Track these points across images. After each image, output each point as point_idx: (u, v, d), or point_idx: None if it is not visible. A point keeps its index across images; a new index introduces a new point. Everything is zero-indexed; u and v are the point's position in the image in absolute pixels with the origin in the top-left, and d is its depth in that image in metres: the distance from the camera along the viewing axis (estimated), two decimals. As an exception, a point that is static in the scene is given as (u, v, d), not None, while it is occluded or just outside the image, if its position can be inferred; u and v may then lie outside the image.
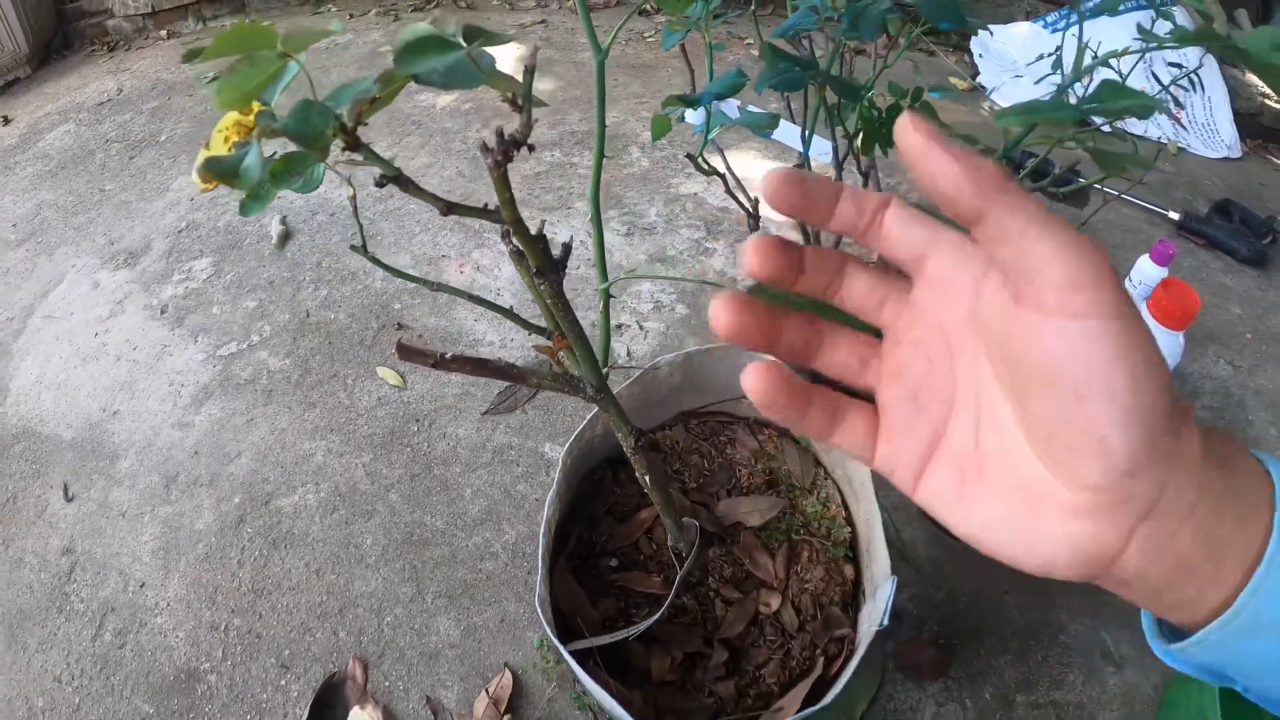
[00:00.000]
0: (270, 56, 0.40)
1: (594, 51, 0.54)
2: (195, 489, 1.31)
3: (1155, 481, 0.24)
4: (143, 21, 2.91)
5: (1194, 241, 1.74)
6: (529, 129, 0.43)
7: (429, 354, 0.53)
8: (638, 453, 0.65)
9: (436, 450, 1.33)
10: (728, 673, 0.84)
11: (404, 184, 0.43)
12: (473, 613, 1.13)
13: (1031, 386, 0.25)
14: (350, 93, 0.41)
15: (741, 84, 0.69)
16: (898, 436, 0.30)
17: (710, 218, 1.79)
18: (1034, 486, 0.26)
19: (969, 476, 0.28)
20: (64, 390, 1.51)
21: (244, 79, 0.40)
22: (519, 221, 0.44)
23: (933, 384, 0.29)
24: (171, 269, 1.76)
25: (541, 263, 0.49)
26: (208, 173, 0.39)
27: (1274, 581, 0.25)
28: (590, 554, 0.90)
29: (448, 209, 0.44)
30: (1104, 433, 0.24)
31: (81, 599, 1.20)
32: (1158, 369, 0.24)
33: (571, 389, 0.60)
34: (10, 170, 2.23)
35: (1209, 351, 1.48)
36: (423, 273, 1.68)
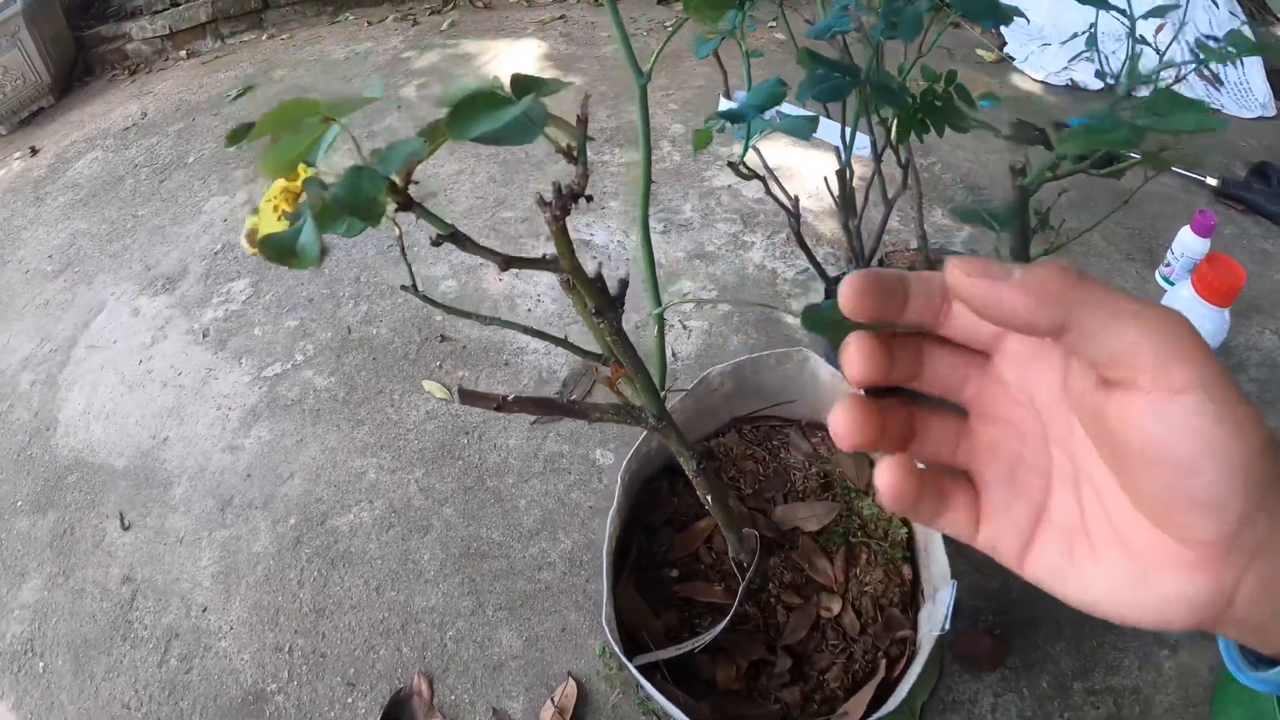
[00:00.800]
0: (314, 123, 0.40)
1: (635, 77, 0.54)
2: (250, 512, 1.33)
3: (1263, 528, 0.24)
4: (161, 43, 2.93)
5: (1233, 207, 1.69)
6: (586, 179, 0.43)
7: (491, 398, 0.53)
8: (699, 475, 0.65)
9: (488, 462, 1.34)
10: (792, 679, 0.84)
11: (460, 242, 0.43)
12: (534, 623, 1.14)
13: (1136, 464, 0.25)
14: (399, 155, 0.40)
15: (782, 94, 0.68)
16: (998, 515, 0.30)
17: (746, 210, 1.77)
18: (1144, 549, 0.26)
19: (1077, 548, 0.28)
20: (113, 419, 1.54)
21: (289, 147, 0.39)
22: (578, 269, 0.44)
23: (1028, 459, 0.30)
24: (210, 292, 1.78)
25: (600, 303, 0.50)
26: (264, 252, 0.39)
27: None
28: (651, 565, 0.91)
29: (506, 264, 0.44)
30: (1216, 496, 0.24)
31: (145, 626, 1.22)
32: (1256, 422, 0.24)
33: (634, 420, 0.60)
34: (42, 201, 2.26)
35: (1254, 322, 1.44)
36: (461, 282, 1.69)
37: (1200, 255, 1.39)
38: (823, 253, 1.61)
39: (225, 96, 2.60)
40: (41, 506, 1.42)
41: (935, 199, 1.72)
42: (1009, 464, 0.30)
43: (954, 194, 1.73)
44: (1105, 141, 0.44)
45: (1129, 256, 1.57)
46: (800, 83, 0.69)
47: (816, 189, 1.76)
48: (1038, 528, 0.30)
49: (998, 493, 0.30)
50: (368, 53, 2.72)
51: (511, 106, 0.38)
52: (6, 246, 2.11)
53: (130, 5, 3.00)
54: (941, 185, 1.77)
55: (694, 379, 1.38)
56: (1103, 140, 0.44)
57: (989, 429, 0.31)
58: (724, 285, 1.60)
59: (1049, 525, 0.29)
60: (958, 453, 0.31)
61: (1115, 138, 0.44)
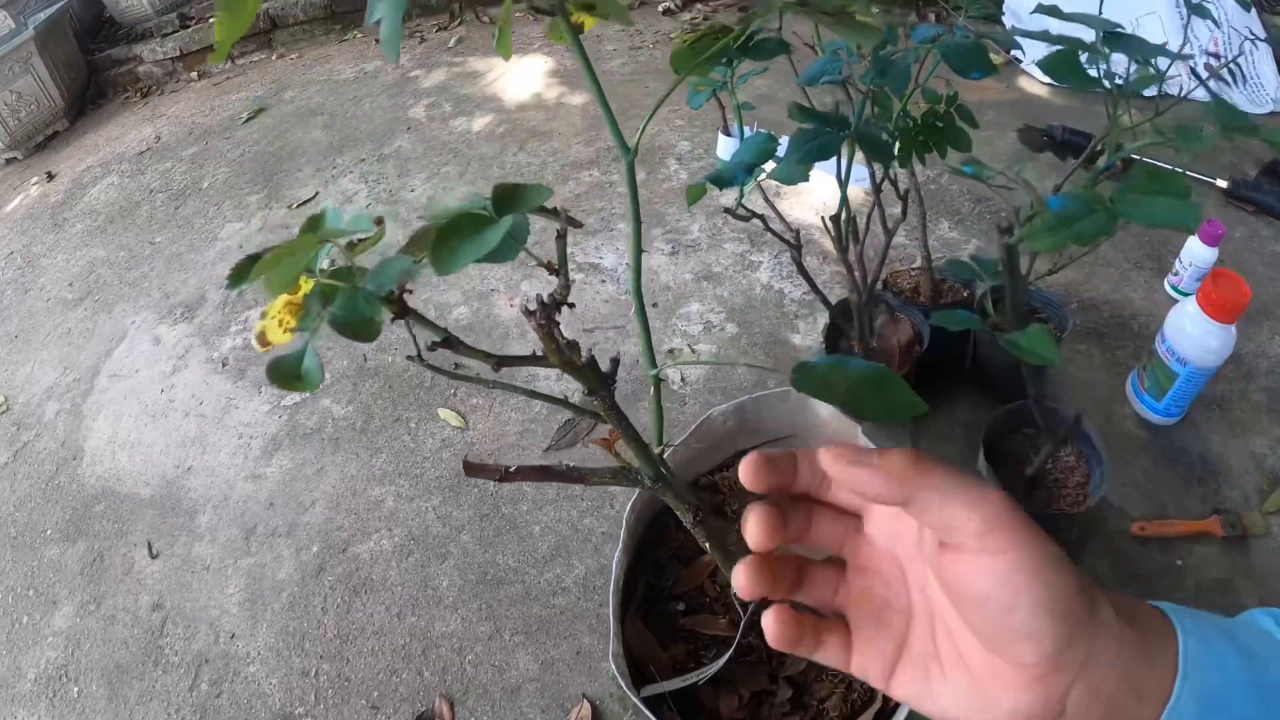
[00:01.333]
0: (310, 243, 0.42)
1: (622, 153, 0.55)
2: (274, 540, 1.36)
3: (1082, 649, 0.30)
4: (172, 65, 2.97)
5: (1244, 209, 1.67)
6: (567, 290, 0.45)
7: (495, 469, 0.56)
8: (697, 526, 0.67)
9: (503, 489, 1.36)
10: (793, 708, 0.86)
11: (454, 345, 0.46)
12: (549, 647, 1.17)
13: (968, 606, 0.32)
14: (392, 274, 0.43)
15: (773, 149, 0.70)
16: (867, 649, 0.37)
17: (753, 230, 1.77)
18: (984, 673, 0.33)
19: (932, 672, 0.35)
20: (137, 449, 1.58)
21: (288, 269, 0.42)
22: (568, 364, 0.47)
23: (892, 602, 0.37)
24: (228, 320, 1.81)
25: (593, 384, 0.52)
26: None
27: (1185, 705, 0.31)
28: (658, 599, 0.93)
29: (499, 364, 0.46)
30: (1032, 630, 0.30)
31: (175, 652, 1.26)
32: (1066, 570, 0.31)
33: (631, 482, 0.62)
34: (60, 227, 2.31)
35: (1264, 328, 1.43)
36: (474, 309, 1.72)
37: (1208, 264, 1.39)
38: (829, 271, 1.62)
39: (237, 119, 2.64)
40: (71, 535, 1.46)
41: (942, 211, 1.72)
42: (877, 607, 0.37)
43: (960, 206, 1.74)
44: (1078, 236, 0.45)
45: (1137, 265, 1.56)
46: (789, 138, 0.70)
47: (824, 204, 1.77)
48: (900, 658, 0.36)
49: (867, 631, 0.37)
50: (376, 71, 2.75)
51: (493, 229, 0.40)
52: (28, 274, 2.15)
53: (140, 28, 3.04)
54: (949, 197, 1.77)
55: (702, 403, 1.40)
56: (1076, 235, 0.45)
57: (861, 578, 0.37)
58: (731, 307, 1.61)
59: (909, 655, 0.36)
60: (837, 597, 0.38)
61: (1089, 228, 0.45)
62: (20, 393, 1.78)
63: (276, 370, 0.42)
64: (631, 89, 2.35)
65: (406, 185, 2.14)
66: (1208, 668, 0.31)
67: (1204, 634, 0.32)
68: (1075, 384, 1.36)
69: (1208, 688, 0.31)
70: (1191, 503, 1.19)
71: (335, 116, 2.55)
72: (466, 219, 0.40)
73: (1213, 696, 0.31)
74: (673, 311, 1.62)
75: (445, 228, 0.39)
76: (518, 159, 2.15)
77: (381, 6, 0.41)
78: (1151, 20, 2.09)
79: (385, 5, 0.41)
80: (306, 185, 2.23)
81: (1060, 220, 0.46)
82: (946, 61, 0.71)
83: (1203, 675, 0.31)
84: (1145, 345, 1.38)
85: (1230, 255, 1.55)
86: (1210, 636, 0.32)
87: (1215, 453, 1.25)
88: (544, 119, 2.31)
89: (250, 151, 2.45)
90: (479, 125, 2.35)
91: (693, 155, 2.03)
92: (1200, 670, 0.31)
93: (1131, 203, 0.47)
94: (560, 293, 0.44)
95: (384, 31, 0.41)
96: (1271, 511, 1.17)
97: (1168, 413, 1.27)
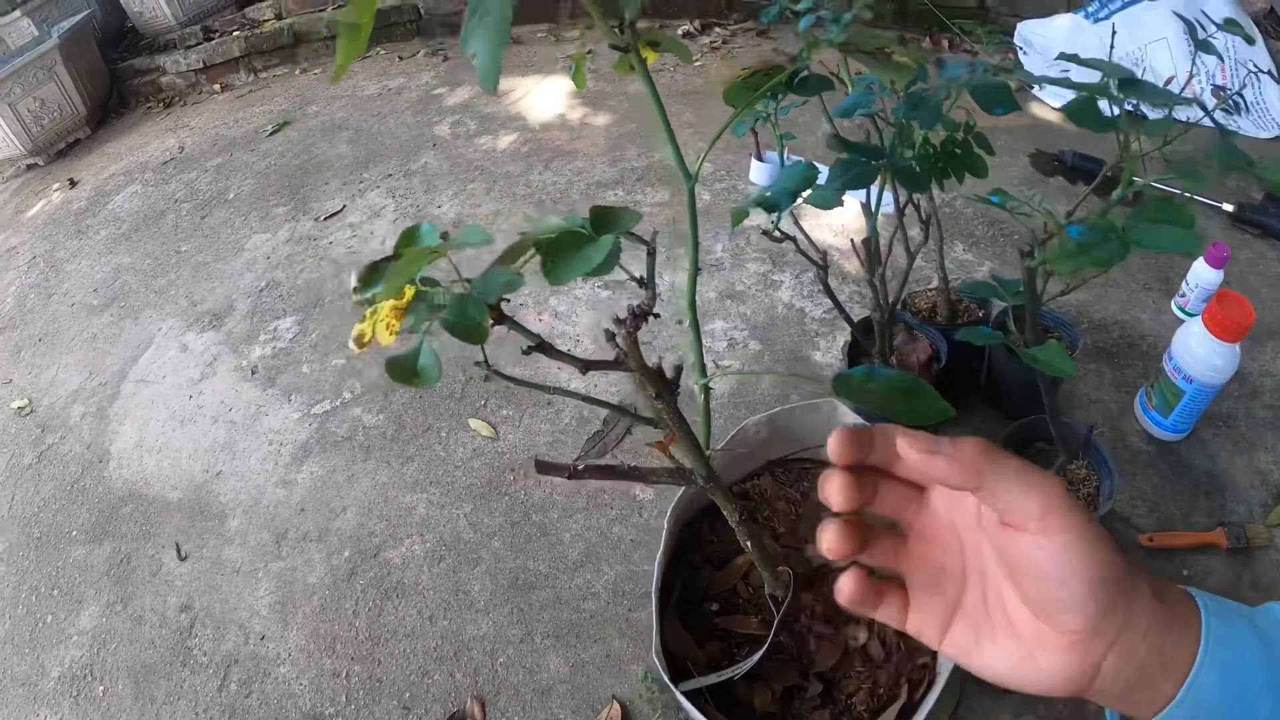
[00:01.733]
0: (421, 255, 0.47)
1: (684, 179, 0.59)
2: (305, 544, 1.39)
3: (1120, 620, 0.35)
4: (195, 76, 3.02)
5: (1249, 232, 1.70)
6: (653, 302, 0.50)
7: (564, 467, 0.60)
8: (742, 524, 0.71)
9: (534, 497, 1.39)
10: (822, 703, 0.90)
11: (546, 350, 0.50)
12: (579, 650, 1.20)
13: (1024, 577, 0.36)
14: (497, 283, 0.48)
15: (814, 177, 0.74)
16: (924, 609, 0.40)
17: (775, 250, 1.81)
18: (1031, 636, 0.37)
19: (983, 633, 0.39)
20: (165, 453, 1.60)
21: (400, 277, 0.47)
22: (645, 369, 0.51)
23: (949, 568, 0.40)
24: (257, 329, 1.85)
25: (660, 388, 0.56)
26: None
27: (1204, 677, 0.35)
28: (693, 600, 0.97)
29: (586, 368, 0.51)
30: (1080, 600, 0.34)
31: (204, 652, 1.28)
32: (1112, 551, 0.35)
33: (685, 481, 0.66)
34: (84, 234, 2.34)
35: (1268, 348, 1.46)
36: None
37: (1214, 286, 1.43)
38: (849, 290, 1.66)
39: (261, 132, 2.67)
40: (97, 537, 1.48)
41: (957, 234, 1.77)
42: (934, 571, 0.40)
43: (974, 229, 1.78)
44: (1096, 261, 0.49)
45: (1146, 287, 1.60)
46: (830, 168, 0.75)
47: (843, 225, 1.81)
48: (953, 618, 0.40)
49: (924, 592, 0.40)
50: (400, 88, 2.79)
51: (595, 247, 0.44)
52: (51, 278, 2.18)
53: (163, 39, 3.09)
54: (963, 220, 1.81)
55: (727, 416, 1.44)
56: (1094, 260, 0.49)
57: (921, 545, 0.41)
58: (754, 324, 1.65)
59: (962, 616, 0.40)
60: (897, 561, 0.41)
61: (1105, 254, 0.50)
62: (45, 395, 1.81)
63: (396, 367, 0.46)
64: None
65: (434, 201, 2.18)
66: (1228, 645, 0.35)
67: (1226, 615, 0.36)
68: (1086, 401, 1.40)
69: (1227, 664, 0.35)
70: (1198, 516, 1.23)
71: (360, 132, 2.59)
72: (570, 237, 0.44)
73: (1231, 672, 0.35)
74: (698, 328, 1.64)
75: (551, 244, 0.44)
76: (543, 178, 2.19)
77: (478, 39, 0.45)
78: (1160, 47, 2.14)
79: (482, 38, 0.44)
80: (334, 198, 2.27)
81: (1080, 247, 0.51)
82: (974, 99, 0.75)
83: (1222, 652, 0.35)
84: (1153, 364, 1.42)
85: (1236, 277, 1.58)
86: (1231, 618, 0.36)
87: (1221, 467, 1.29)
88: (568, 139, 2.35)
89: (276, 164, 2.48)
90: (504, 143, 2.38)
91: (715, 177, 2.07)
92: (1220, 647, 0.35)
93: (1142, 231, 0.52)
94: (646, 304, 0.48)
95: (480, 64, 0.45)
96: (1275, 524, 1.21)
97: (1175, 429, 1.30)
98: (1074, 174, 1.89)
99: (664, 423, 0.63)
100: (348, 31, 0.45)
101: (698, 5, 2.84)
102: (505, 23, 0.43)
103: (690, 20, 2.83)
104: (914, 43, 2.41)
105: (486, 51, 0.44)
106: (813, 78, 0.72)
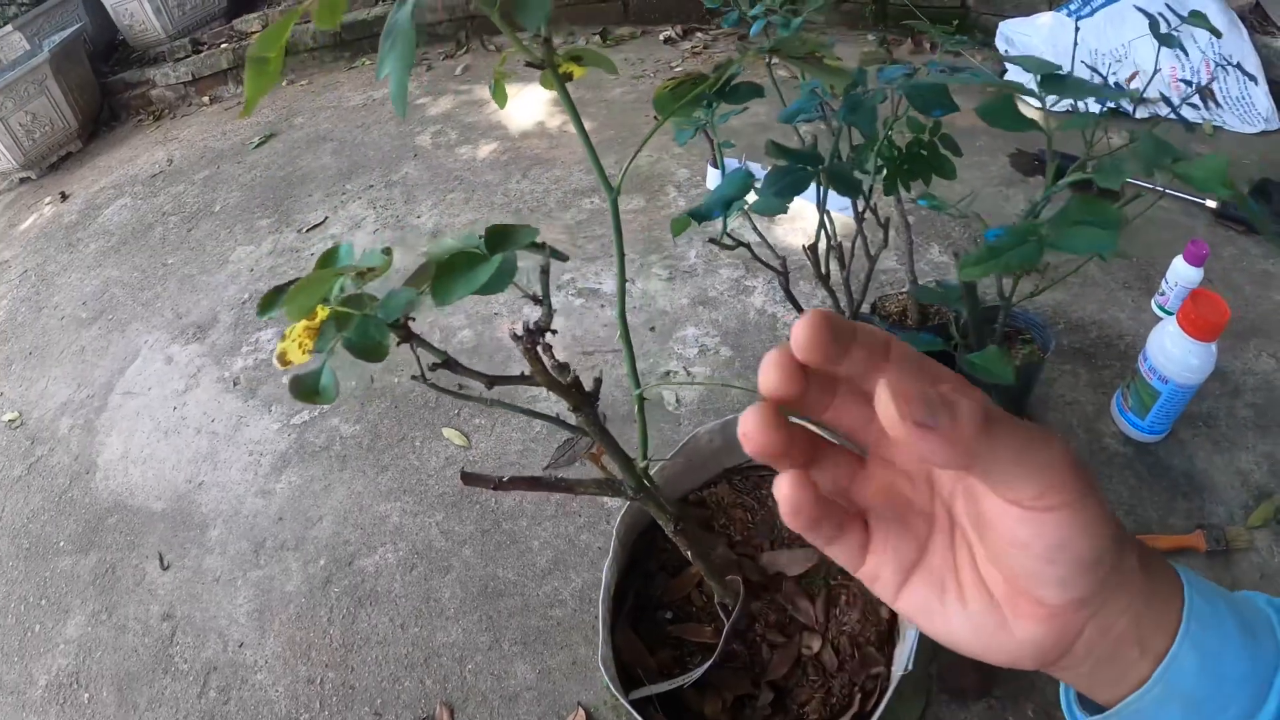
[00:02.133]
0: (328, 276, 0.47)
1: (606, 191, 0.59)
2: (283, 553, 1.41)
3: (1104, 594, 0.30)
4: (184, 89, 3.04)
5: (1233, 228, 1.68)
6: (550, 318, 0.50)
7: (490, 479, 0.61)
8: (678, 535, 0.71)
9: (504, 506, 1.40)
10: (774, 711, 0.90)
11: (452, 366, 0.51)
12: (546, 657, 1.21)
13: (1005, 545, 0.30)
14: (398, 304, 0.48)
15: (750, 184, 0.74)
16: (885, 550, 0.33)
17: (748, 256, 1.78)
18: (1006, 602, 0.31)
19: (948, 591, 0.32)
20: (150, 464, 1.62)
21: (308, 297, 0.47)
22: (554, 384, 0.51)
23: (916, 505, 0.34)
24: (239, 340, 1.86)
25: (577, 401, 0.56)
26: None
27: (1183, 659, 0.31)
28: (647, 607, 0.97)
29: (491, 383, 0.51)
30: (1066, 577, 0.29)
31: (185, 660, 1.30)
32: (1109, 524, 0.29)
33: (614, 492, 0.67)
34: (74, 247, 2.36)
35: (1250, 345, 1.44)
36: (477, 332, 1.76)
37: (1194, 284, 1.41)
38: (821, 296, 1.64)
39: (249, 143, 2.70)
40: (83, 547, 1.50)
41: (932, 236, 1.77)
42: (899, 507, 0.33)
43: (950, 230, 1.77)
44: (1006, 265, 0.49)
45: (1125, 285, 1.59)
46: (765, 175, 0.75)
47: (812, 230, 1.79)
48: (915, 568, 0.33)
49: (886, 530, 0.33)
50: (384, 99, 2.81)
51: (486, 266, 0.44)
52: (42, 292, 2.21)
53: (153, 52, 3.11)
54: (939, 222, 1.81)
55: (696, 423, 1.44)
56: (1004, 265, 0.49)
57: (884, 472, 0.34)
58: (726, 330, 1.65)
59: (926, 566, 0.33)
60: (853, 488, 0.34)
61: (1016, 258, 0.49)
62: (34, 408, 1.83)
63: (298, 386, 0.47)
64: (633, 117, 2.39)
65: (413, 211, 2.19)
66: (1209, 627, 0.32)
67: (1208, 594, 0.33)
68: (1061, 403, 1.39)
69: (1208, 646, 0.31)
70: (1175, 518, 1.22)
71: (344, 143, 2.61)
72: (462, 257, 0.45)
73: (1211, 656, 0.31)
74: (669, 335, 1.66)
75: (443, 264, 0.44)
76: (521, 186, 2.20)
77: (389, 63, 0.45)
78: (1143, 43, 2.12)
79: (393, 62, 0.44)
80: (316, 210, 2.29)
81: (990, 251, 0.50)
82: (910, 101, 0.75)
83: (1204, 633, 0.31)
84: (1131, 365, 1.41)
85: (1219, 274, 1.57)
86: (1213, 598, 0.33)
87: (1200, 469, 1.27)
88: (546, 147, 2.36)
89: (261, 176, 2.51)
90: (483, 153, 2.40)
91: (691, 183, 2.07)
92: (1202, 627, 0.31)
93: (1060, 233, 0.51)
94: (544, 320, 0.48)
95: (392, 88, 0.45)
96: (1257, 525, 1.19)
97: (1152, 430, 1.29)
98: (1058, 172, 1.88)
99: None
100: (255, 66, 0.45)
101: (679, 11, 2.84)
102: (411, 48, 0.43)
103: (672, 25, 2.84)
104: (895, 44, 2.41)
105: (396, 77, 0.44)
106: (743, 86, 0.72)
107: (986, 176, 1.89)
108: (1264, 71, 2.07)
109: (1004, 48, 2.33)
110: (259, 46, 0.44)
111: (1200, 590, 0.32)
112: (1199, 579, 0.33)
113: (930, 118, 0.73)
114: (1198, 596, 0.32)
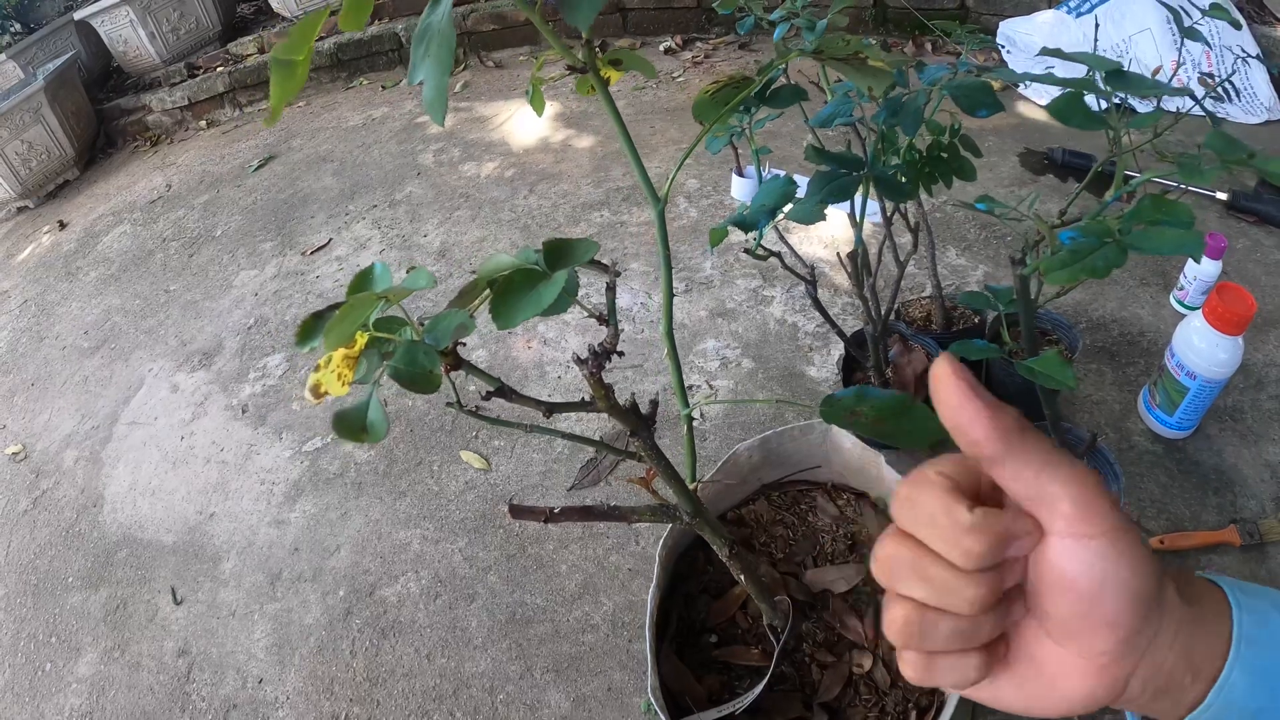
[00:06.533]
0: (369, 300, 0.44)
1: (652, 203, 0.57)
2: (300, 585, 1.37)
3: (1151, 631, 0.31)
4: (181, 114, 3.02)
5: (1245, 220, 1.68)
6: (616, 339, 0.48)
7: (540, 511, 0.58)
8: (733, 559, 0.69)
9: (529, 529, 1.37)
10: (827, 734, 0.88)
11: (507, 394, 0.48)
12: (580, 684, 1.17)
13: (1054, 591, 0.31)
14: (449, 328, 0.45)
15: (793, 192, 0.72)
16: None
17: (765, 265, 1.78)
18: (1053, 664, 0.32)
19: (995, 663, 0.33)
20: (158, 496, 1.59)
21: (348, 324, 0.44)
22: (615, 408, 0.49)
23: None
24: (246, 367, 1.83)
25: (635, 425, 0.54)
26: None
27: (1236, 678, 0.32)
28: (691, 631, 0.94)
29: (550, 411, 0.48)
30: (1115, 615, 0.30)
31: (203, 697, 1.26)
32: (1148, 554, 0.30)
33: (669, 518, 0.64)
34: (74, 276, 2.33)
35: (1271, 337, 1.43)
36: (491, 351, 1.74)
37: (1213, 278, 1.40)
38: (841, 304, 1.64)
39: (248, 167, 2.67)
40: (93, 582, 1.47)
41: (950, 239, 1.74)
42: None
43: (966, 233, 1.76)
44: (1092, 269, 0.47)
45: (1143, 282, 1.58)
46: (809, 181, 0.72)
47: (832, 238, 1.79)
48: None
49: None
50: (384, 118, 2.79)
51: (548, 285, 0.42)
52: (42, 321, 2.18)
53: (148, 77, 3.09)
54: (955, 224, 1.79)
55: (722, 437, 1.42)
56: (1090, 269, 0.47)
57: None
58: (746, 342, 1.63)
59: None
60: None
61: (1101, 261, 0.47)
62: (38, 440, 1.80)
63: (342, 423, 0.43)
64: (637, 129, 2.37)
65: (419, 230, 2.16)
66: (1260, 646, 0.32)
67: (1259, 612, 0.33)
68: (1088, 403, 1.38)
69: (1259, 666, 0.32)
70: (1208, 514, 1.20)
71: (345, 163, 2.58)
72: (521, 275, 0.42)
73: (1263, 675, 0.32)
74: (689, 349, 1.63)
75: (504, 284, 0.41)
76: (528, 202, 2.17)
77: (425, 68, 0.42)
78: (1144, 37, 2.13)
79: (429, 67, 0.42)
80: (320, 232, 2.26)
81: (1073, 255, 0.48)
82: (955, 101, 0.73)
83: (1254, 653, 0.32)
84: (1155, 361, 1.39)
85: (1234, 266, 1.56)
86: (1266, 614, 0.33)
87: (1229, 463, 1.26)
88: (552, 162, 2.34)
89: (262, 199, 2.48)
90: (488, 169, 2.37)
91: (701, 193, 2.05)
92: (1252, 648, 0.32)
93: (1140, 234, 0.49)
94: (610, 341, 0.46)
95: (427, 94, 0.42)
96: (1288, 517, 1.18)
97: (1180, 426, 1.28)
98: (1065, 171, 1.87)
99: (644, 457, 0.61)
100: (281, 70, 0.42)
101: (678, 22, 2.83)
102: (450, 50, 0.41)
103: (671, 36, 2.82)
104: (896, 48, 2.40)
105: (433, 81, 0.42)
106: (786, 89, 0.70)
107: (997, 177, 1.88)
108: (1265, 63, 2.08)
109: (1006, 48, 2.33)
110: (284, 50, 0.41)
111: (1250, 608, 0.33)
112: (1248, 594, 0.34)
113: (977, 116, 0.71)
114: (1246, 615, 0.33)
